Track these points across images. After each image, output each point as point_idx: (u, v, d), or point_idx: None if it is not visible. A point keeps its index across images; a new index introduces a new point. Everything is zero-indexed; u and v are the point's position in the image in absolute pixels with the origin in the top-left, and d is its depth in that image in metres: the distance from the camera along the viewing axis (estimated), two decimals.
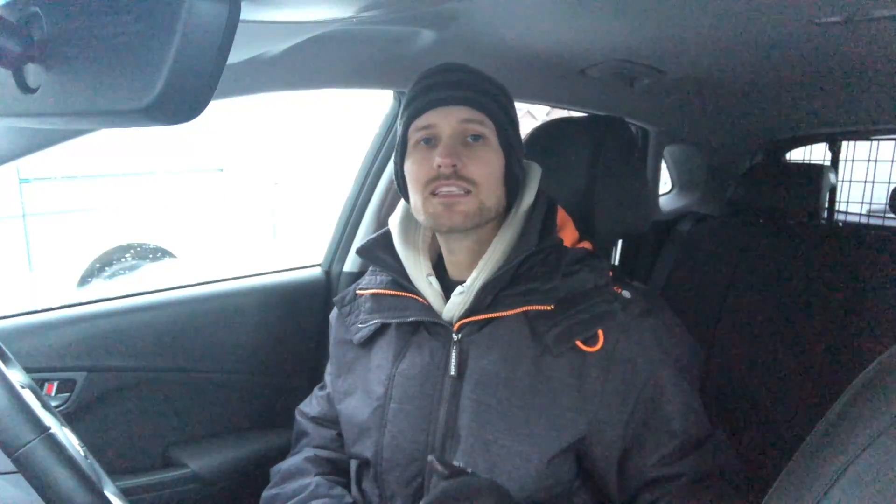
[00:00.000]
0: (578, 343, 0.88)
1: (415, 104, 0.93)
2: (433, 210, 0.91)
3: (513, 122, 0.96)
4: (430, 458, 0.81)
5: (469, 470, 0.80)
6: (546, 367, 0.89)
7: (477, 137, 0.92)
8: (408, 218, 1.03)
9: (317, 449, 1.11)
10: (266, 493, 1.06)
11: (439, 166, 0.88)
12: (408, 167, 0.95)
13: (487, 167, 0.91)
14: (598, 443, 0.89)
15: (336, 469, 1.09)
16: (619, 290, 0.93)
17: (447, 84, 0.92)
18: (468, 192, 0.90)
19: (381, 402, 0.97)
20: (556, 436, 0.87)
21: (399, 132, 0.96)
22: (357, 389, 1.02)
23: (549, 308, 0.89)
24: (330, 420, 1.11)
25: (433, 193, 0.90)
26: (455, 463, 0.81)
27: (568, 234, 0.99)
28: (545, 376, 0.88)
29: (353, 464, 1.06)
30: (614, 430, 0.88)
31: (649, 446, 0.89)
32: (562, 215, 1.01)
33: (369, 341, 1.02)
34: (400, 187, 1.00)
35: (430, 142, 0.92)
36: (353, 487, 1.05)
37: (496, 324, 0.92)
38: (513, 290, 0.91)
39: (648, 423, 0.89)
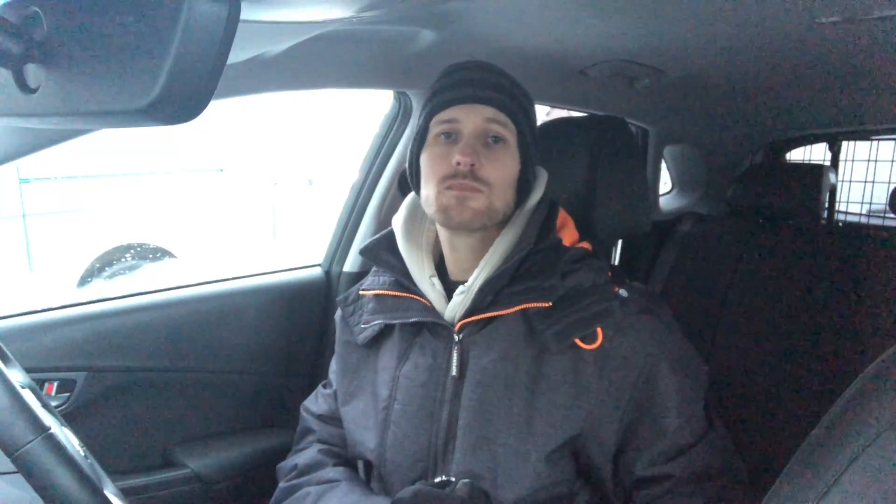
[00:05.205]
0: (577, 341, 0.88)
1: (440, 97, 0.93)
2: (446, 202, 0.91)
3: (532, 129, 0.97)
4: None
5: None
6: (545, 365, 0.89)
7: (497, 139, 0.92)
8: (412, 217, 1.03)
9: (325, 444, 1.10)
10: (284, 485, 1.05)
11: (458, 164, 0.88)
12: (424, 159, 0.94)
13: (503, 171, 0.91)
14: (594, 440, 0.89)
15: (346, 464, 1.08)
16: (618, 289, 0.93)
17: (475, 82, 0.92)
18: (481, 192, 0.90)
19: (385, 405, 0.97)
20: (553, 433, 0.87)
21: (419, 123, 0.96)
22: (363, 392, 1.02)
23: (547, 306, 0.89)
24: (336, 418, 1.11)
25: (448, 187, 0.90)
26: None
27: (568, 234, 0.99)
28: (544, 374, 0.89)
29: (359, 464, 1.06)
30: (609, 427, 0.88)
31: (641, 445, 0.89)
32: (562, 216, 1.01)
33: (374, 343, 1.02)
34: (411, 176, 1.00)
35: (450, 136, 0.92)
36: None
37: (496, 323, 0.92)
38: (512, 289, 0.91)
39: (641, 420, 0.89)
